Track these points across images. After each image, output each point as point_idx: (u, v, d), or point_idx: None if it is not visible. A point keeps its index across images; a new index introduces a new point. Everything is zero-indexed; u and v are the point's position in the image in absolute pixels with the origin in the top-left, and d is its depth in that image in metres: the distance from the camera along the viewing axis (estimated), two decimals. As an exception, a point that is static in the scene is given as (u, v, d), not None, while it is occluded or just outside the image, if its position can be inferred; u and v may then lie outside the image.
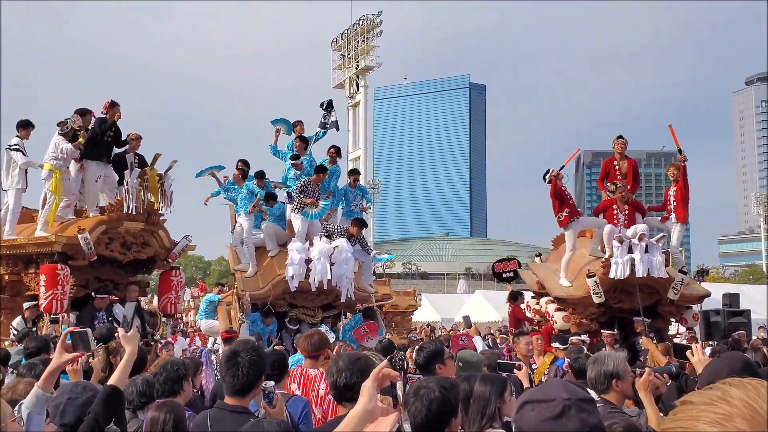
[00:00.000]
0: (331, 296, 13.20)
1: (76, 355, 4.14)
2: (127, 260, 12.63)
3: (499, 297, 37.20)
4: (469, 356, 6.04)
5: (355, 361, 3.86)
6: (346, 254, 12.84)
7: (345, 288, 12.87)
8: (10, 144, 12.23)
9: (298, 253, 12.67)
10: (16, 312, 12.30)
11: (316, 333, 6.51)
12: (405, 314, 28.70)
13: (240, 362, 3.89)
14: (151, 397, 4.87)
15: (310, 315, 13.27)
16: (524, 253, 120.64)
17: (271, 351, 5.82)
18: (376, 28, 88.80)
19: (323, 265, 12.64)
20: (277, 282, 12.76)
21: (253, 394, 4.03)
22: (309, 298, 13.16)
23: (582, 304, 12.18)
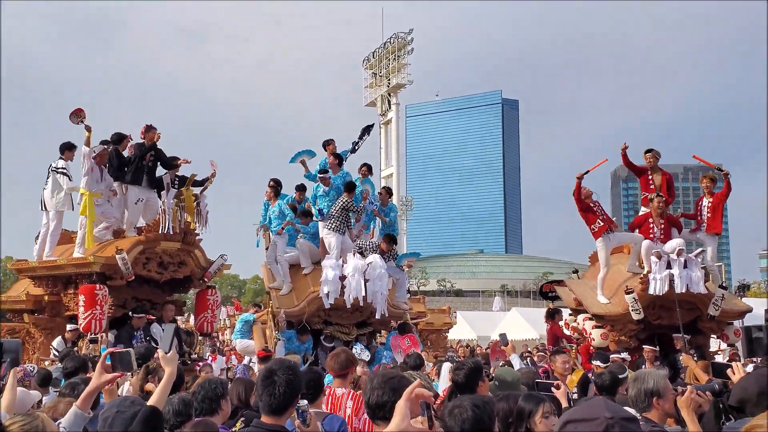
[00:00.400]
0: (365, 313, 13.20)
1: (115, 375, 4.18)
2: (164, 280, 12.73)
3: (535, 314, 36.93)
4: (506, 375, 5.98)
5: (389, 379, 3.84)
6: (380, 271, 12.86)
7: (380, 305, 12.88)
8: (57, 167, 12.45)
9: (333, 270, 12.69)
10: (56, 332, 12.46)
11: (343, 352, 6.49)
12: (440, 332, 28.59)
13: (276, 381, 3.88)
14: (188, 416, 4.88)
15: (345, 332, 13.27)
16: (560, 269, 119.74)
17: (306, 370, 5.82)
18: (408, 46, 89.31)
19: (357, 281, 12.66)
20: (312, 299, 12.79)
21: (289, 413, 4.03)
22: (344, 315, 13.17)
23: (620, 321, 12.00)
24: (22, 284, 14.16)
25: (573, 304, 13.60)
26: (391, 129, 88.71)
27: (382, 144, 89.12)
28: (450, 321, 31.09)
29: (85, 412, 4.12)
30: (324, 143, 14.65)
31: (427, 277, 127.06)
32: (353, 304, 12.77)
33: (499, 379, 5.87)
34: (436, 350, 24.95)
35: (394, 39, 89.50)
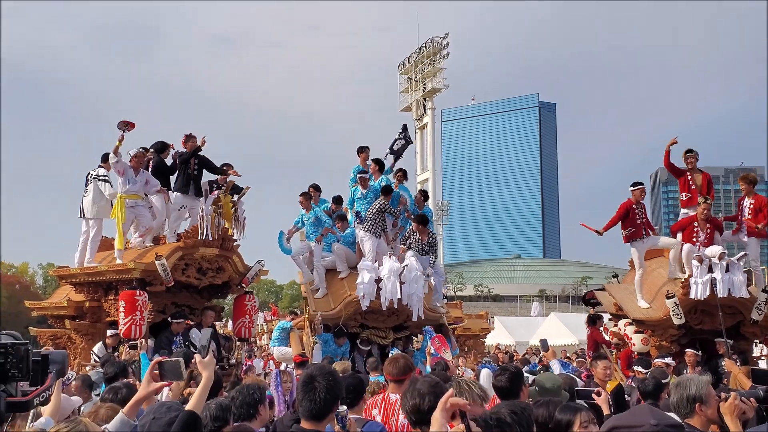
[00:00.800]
0: (402, 316, 13.20)
1: (163, 384, 4.21)
2: (202, 285, 12.84)
3: (575, 320, 36.67)
4: (547, 381, 5.89)
5: (436, 385, 3.82)
6: (415, 273, 12.90)
7: (415, 307, 12.90)
8: (99, 174, 12.65)
9: (368, 273, 12.78)
10: (97, 338, 12.63)
11: (402, 357, 6.42)
12: (478, 337, 28.43)
13: (317, 387, 3.88)
14: (225, 421, 4.89)
15: (382, 336, 13.29)
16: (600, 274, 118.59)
17: (347, 375, 5.80)
18: (443, 50, 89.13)
19: (393, 284, 12.71)
20: (348, 302, 12.86)
21: (329, 419, 4.03)
22: (380, 318, 13.19)
23: (661, 326, 11.85)
24: (64, 290, 14.37)
25: (613, 309, 13.46)
26: (427, 133, 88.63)
27: (418, 149, 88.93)
28: (488, 326, 30.92)
29: (132, 420, 4.16)
30: (358, 150, 14.70)
31: (464, 282, 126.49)
32: (389, 307, 12.81)
33: (539, 385, 5.80)
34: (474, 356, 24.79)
35: (430, 43, 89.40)
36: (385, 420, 5.73)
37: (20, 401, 2.85)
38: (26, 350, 2.96)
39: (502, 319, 47.49)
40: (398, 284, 12.71)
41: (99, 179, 12.65)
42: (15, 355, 2.92)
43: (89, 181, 12.76)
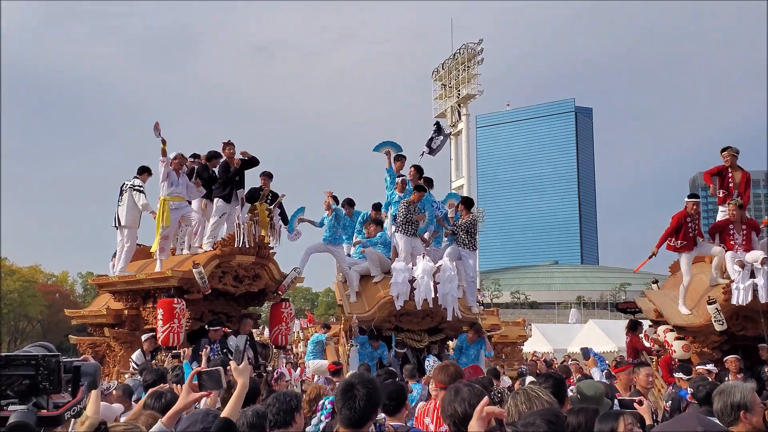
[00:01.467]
0: (436, 318, 13.15)
1: (202, 394, 4.22)
2: (239, 293, 12.91)
3: (613, 326, 36.26)
4: (588, 389, 5.78)
5: (480, 393, 3.77)
6: (449, 273, 12.85)
7: (450, 306, 12.85)
8: (135, 185, 12.80)
9: (402, 273, 12.73)
10: (136, 345, 12.74)
11: (452, 365, 6.38)
12: (515, 345, 28.18)
13: (356, 395, 3.86)
14: (261, 428, 4.88)
15: (417, 340, 13.23)
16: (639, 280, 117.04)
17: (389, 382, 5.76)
18: (477, 56, 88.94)
19: (427, 284, 12.67)
20: (383, 304, 12.83)
21: (368, 427, 4.00)
22: (414, 320, 13.15)
23: (703, 333, 11.64)
24: (103, 299, 14.54)
25: (653, 316, 13.26)
26: (462, 140, 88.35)
27: (453, 155, 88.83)
28: (525, 334, 30.62)
29: (170, 429, 4.18)
30: (394, 158, 14.64)
31: (501, 289, 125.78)
32: (423, 309, 12.80)
33: (581, 393, 5.70)
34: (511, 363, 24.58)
35: (464, 50, 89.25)
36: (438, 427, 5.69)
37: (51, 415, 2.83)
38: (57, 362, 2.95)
39: (540, 326, 47.08)
40: (432, 284, 12.67)
41: (134, 189, 12.79)
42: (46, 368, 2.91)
43: (124, 191, 12.90)
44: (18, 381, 2.97)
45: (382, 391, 4.19)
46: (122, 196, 12.91)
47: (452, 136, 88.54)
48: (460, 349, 13.01)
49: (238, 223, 12.68)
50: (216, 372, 4.19)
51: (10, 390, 2.94)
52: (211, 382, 4.18)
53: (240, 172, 13.25)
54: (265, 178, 13.79)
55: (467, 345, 12.92)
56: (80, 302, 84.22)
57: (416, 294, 12.64)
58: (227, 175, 13.04)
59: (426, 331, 13.36)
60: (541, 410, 3.56)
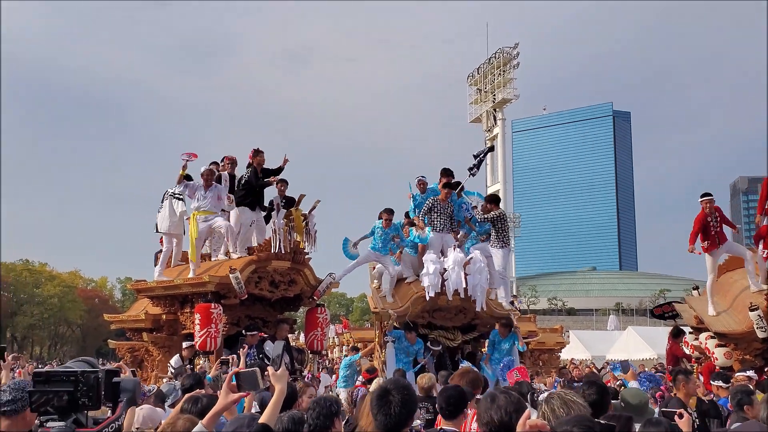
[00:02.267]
0: (469, 314, 13.18)
1: (241, 395, 4.23)
2: (275, 298, 12.97)
3: (653, 333, 35.72)
4: (633, 397, 5.69)
5: (518, 401, 3.72)
6: (480, 265, 12.97)
7: (479, 298, 12.96)
8: (175, 192, 12.94)
9: (433, 264, 12.80)
10: (174, 350, 12.84)
11: (472, 371, 6.37)
12: (553, 352, 27.90)
13: (391, 401, 3.84)
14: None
15: (450, 338, 13.25)
16: (678, 286, 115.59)
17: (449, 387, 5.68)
18: (513, 60, 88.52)
19: (458, 274, 12.75)
20: (416, 299, 12.91)
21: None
22: (448, 316, 13.22)
23: (745, 340, 11.42)
24: (141, 304, 14.70)
25: (694, 322, 13.05)
26: (497, 145, 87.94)
27: (488, 160, 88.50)
28: (563, 340, 30.30)
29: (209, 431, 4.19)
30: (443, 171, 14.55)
31: (538, 295, 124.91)
32: (455, 304, 12.95)
33: (625, 401, 5.61)
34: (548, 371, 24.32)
35: (499, 54, 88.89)
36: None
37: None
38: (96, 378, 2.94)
39: (578, 333, 46.53)
40: (463, 275, 12.75)
41: (174, 197, 12.95)
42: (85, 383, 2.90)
43: (165, 198, 13.06)
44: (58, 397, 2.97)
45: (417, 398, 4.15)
46: (163, 202, 13.08)
47: (488, 140, 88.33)
48: (493, 344, 13.03)
49: (274, 228, 12.77)
50: (253, 373, 4.20)
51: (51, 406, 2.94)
52: (249, 383, 4.19)
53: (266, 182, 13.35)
54: (282, 185, 13.76)
55: (499, 339, 12.94)
56: (119, 307, 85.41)
57: (447, 285, 12.72)
58: (257, 181, 13.16)
59: (460, 330, 13.40)
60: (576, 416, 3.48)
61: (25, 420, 4.17)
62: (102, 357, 68.84)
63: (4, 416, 4.22)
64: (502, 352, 12.87)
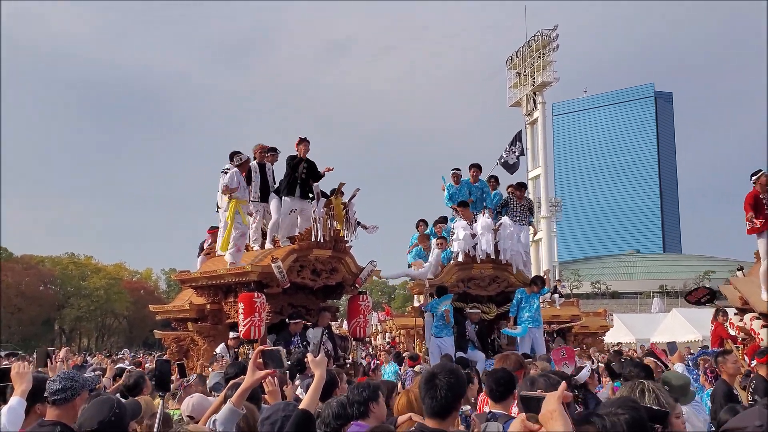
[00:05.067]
0: (502, 283, 13.34)
1: (268, 372, 4.32)
2: (317, 286, 13.08)
3: (698, 315, 35.25)
4: (675, 379, 5.69)
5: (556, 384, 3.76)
6: (510, 230, 13.66)
7: (514, 261, 13.68)
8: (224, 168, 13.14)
9: (464, 230, 13.56)
10: (218, 339, 13.04)
11: (512, 354, 6.43)
12: (596, 335, 27.73)
13: (438, 384, 3.88)
14: (347, 418, 4.96)
15: (485, 311, 13.46)
16: (723, 267, 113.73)
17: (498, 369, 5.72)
18: (552, 42, 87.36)
19: (488, 239, 13.45)
20: (450, 268, 13.68)
21: (453, 417, 4.01)
22: (482, 285, 13.53)
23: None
24: (186, 294, 14.92)
25: (739, 303, 12.89)
26: (537, 129, 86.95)
27: (529, 145, 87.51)
28: (606, 324, 30.06)
29: (239, 409, 4.30)
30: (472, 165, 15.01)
31: (581, 279, 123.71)
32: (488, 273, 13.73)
33: (667, 382, 5.61)
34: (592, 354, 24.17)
35: (538, 36, 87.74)
36: None
37: None
38: None
39: (622, 316, 46.14)
40: (492, 238, 13.43)
41: (222, 172, 13.14)
42: None
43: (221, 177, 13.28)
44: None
45: (465, 382, 4.19)
46: (219, 181, 13.27)
47: (528, 125, 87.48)
48: (519, 303, 13.10)
49: (314, 217, 12.86)
50: (277, 351, 4.31)
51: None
52: (274, 362, 4.29)
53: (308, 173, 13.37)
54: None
55: (526, 296, 13.05)
56: (164, 298, 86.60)
57: (478, 248, 13.47)
58: (293, 171, 13.19)
59: (494, 302, 13.60)
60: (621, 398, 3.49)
61: (75, 409, 4.32)
62: (149, 348, 70.00)
63: (54, 405, 4.38)
64: (531, 308, 12.97)
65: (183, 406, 5.82)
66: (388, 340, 29.96)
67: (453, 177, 14.82)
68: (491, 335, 13.92)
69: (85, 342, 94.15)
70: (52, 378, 4.57)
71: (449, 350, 12.48)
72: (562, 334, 22.72)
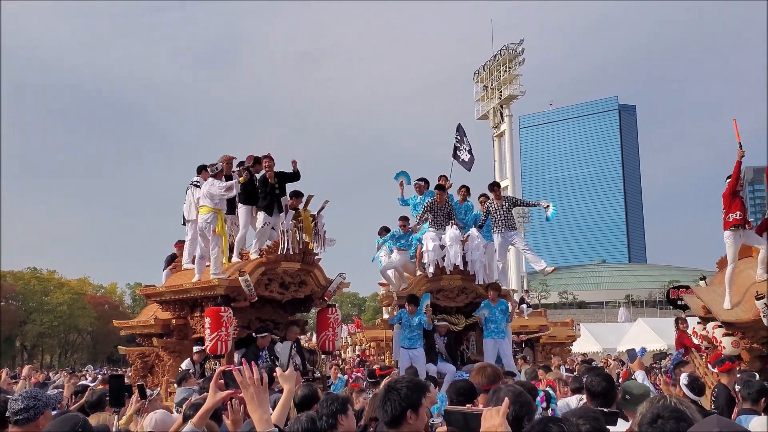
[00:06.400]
0: (470, 294, 13.41)
1: (230, 393, 4.28)
2: (285, 300, 12.97)
3: (663, 324, 35.72)
4: (636, 388, 5.73)
5: (519, 394, 3.79)
6: (477, 242, 13.70)
7: (479, 272, 13.68)
8: (193, 180, 13.06)
9: (433, 241, 13.55)
10: (184, 354, 12.90)
11: (489, 366, 6.43)
12: (564, 345, 27.91)
13: (393, 395, 3.90)
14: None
15: (453, 322, 13.53)
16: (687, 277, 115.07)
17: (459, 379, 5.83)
18: (519, 56, 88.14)
19: (456, 250, 13.51)
20: (418, 280, 13.70)
21: (408, 426, 4.00)
22: (450, 296, 13.64)
23: (752, 328, 11.40)
24: (151, 309, 14.76)
25: (701, 312, 13.05)
26: (505, 141, 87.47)
27: (496, 157, 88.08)
28: (574, 334, 30.27)
29: (200, 430, 4.24)
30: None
31: (549, 289, 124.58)
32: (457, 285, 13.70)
33: (629, 392, 5.65)
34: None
35: (505, 51, 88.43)
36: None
37: None
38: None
39: (589, 326, 46.57)
40: (461, 250, 13.51)
41: (192, 185, 13.05)
42: None
43: (187, 190, 13.19)
44: None
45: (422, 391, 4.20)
46: (187, 193, 13.18)
47: (495, 137, 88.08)
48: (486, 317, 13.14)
49: (282, 230, 12.76)
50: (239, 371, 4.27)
51: None
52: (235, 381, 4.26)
53: (280, 186, 13.28)
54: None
55: (491, 307, 13.06)
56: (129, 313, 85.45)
57: (446, 259, 13.52)
58: (266, 189, 13.08)
59: (463, 313, 13.67)
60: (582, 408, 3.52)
61: (39, 428, 4.24)
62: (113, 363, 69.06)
63: (16, 425, 4.28)
64: (498, 321, 13.00)
65: (146, 421, 5.76)
66: (358, 353, 29.87)
67: (416, 188, 14.95)
68: (460, 347, 13.95)
69: (48, 359, 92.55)
70: (14, 397, 4.47)
71: (420, 362, 12.46)
72: (530, 344, 22.89)
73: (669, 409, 2.91)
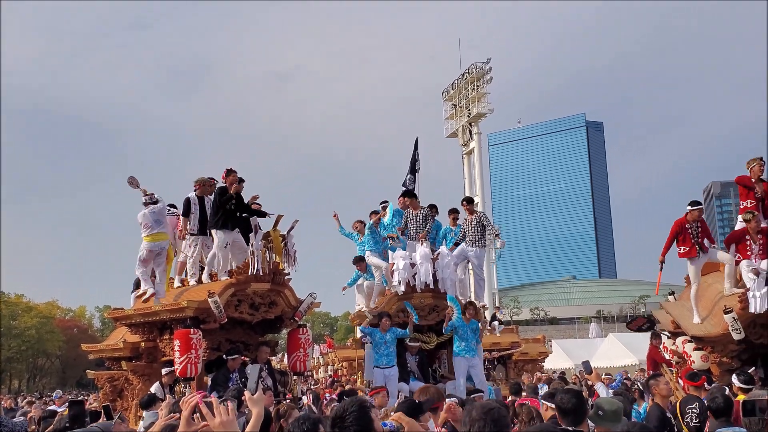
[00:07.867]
0: (442, 312, 13.50)
1: (204, 424, 4.21)
2: (255, 321, 12.86)
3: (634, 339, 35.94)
4: (608, 404, 5.76)
5: (489, 411, 3.78)
6: (447, 260, 13.72)
7: (449, 289, 13.59)
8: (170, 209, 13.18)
9: (403, 260, 13.57)
10: (154, 378, 12.74)
11: (433, 387, 6.52)
12: (536, 362, 28.03)
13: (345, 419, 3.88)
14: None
15: (425, 341, 13.53)
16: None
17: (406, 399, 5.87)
18: (486, 75, 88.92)
19: (426, 268, 13.48)
20: (389, 299, 13.68)
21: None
22: (421, 314, 13.62)
23: (721, 342, 11.53)
24: (120, 332, 14.59)
25: (671, 327, 13.17)
26: (474, 159, 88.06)
27: (466, 174, 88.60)
28: (545, 350, 30.43)
29: None
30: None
31: (520, 306, 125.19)
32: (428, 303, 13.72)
33: (603, 409, 5.67)
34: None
35: (473, 69, 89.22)
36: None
37: None
38: None
39: (560, 342, 46.74)
40: (431, 269, 13.50)
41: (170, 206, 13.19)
42: None
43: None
44: None
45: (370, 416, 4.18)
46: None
47: (464, 155, 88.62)
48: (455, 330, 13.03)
49: (252, 250, 12.67)
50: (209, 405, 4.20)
51: None
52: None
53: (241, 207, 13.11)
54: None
55: (463, 325, 12.92)
56: (99, 336, 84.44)
57: (417, 278, 13.49)
58: (222, 205, 12.81)
59: (434, 331, 13.68)
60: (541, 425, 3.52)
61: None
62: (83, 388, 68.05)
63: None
64: (469, 339, 12.93)
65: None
66: (330, 373, 29.75)
67: (383, 210, 15.08)
68: (432, 365, 13.93)
69: (17, 384, 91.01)
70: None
71: (394, 381, 12.40)
72: (502, 361, 22.94)
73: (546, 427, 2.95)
